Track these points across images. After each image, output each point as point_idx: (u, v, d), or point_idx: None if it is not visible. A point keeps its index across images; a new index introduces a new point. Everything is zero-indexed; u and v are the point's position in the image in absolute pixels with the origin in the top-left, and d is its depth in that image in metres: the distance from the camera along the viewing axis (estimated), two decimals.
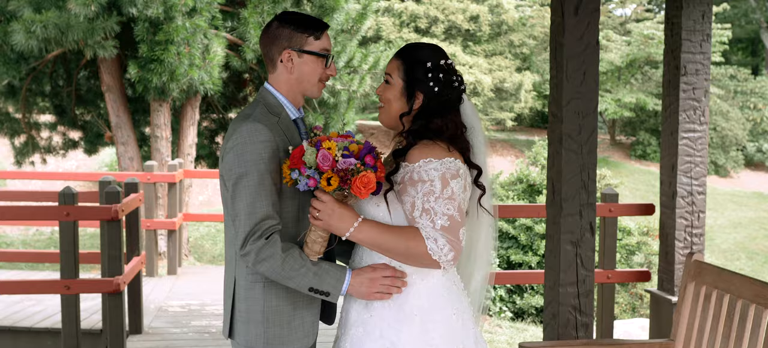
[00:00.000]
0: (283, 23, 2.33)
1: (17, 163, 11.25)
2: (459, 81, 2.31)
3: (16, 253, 7.18)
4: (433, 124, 2.25)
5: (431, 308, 2.23)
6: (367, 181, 2.05)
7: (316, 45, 2.31)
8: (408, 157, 2.20)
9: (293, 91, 2.35)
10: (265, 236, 2.15)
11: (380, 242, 2.18)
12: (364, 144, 2.10)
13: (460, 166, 2.21)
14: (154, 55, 8.65)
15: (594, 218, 3.60)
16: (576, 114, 3.56)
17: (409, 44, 2.36)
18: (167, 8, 8.68)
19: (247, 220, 2.15)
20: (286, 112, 2.34)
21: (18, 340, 5.82)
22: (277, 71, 2.34)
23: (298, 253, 2.19)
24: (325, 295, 2.21)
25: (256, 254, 2.15)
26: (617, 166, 20.40)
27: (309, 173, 2.07)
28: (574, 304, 3.60)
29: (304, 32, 2.31)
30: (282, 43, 2.31)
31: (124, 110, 9.91)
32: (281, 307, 2.27)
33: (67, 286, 4.73)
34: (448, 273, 2.27)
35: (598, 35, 3.60)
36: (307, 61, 2.32)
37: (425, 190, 2.15)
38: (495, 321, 8.17)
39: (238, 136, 2.19)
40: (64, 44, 8.50)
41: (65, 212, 4.66)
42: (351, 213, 2.16)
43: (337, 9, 10.30)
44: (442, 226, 2.13)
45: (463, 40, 20.27)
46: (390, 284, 2.21)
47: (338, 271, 2.22)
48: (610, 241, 5.37)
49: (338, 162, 2.06)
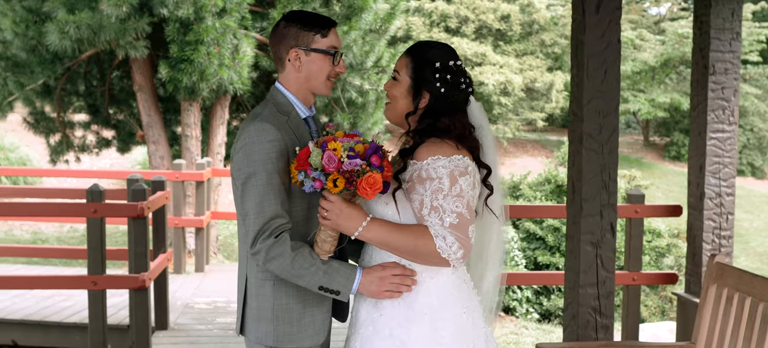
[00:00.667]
0: (290, 22, 2.34)
1: (52, 161, 11.45)
2: (467, 83, 2.30)
3: (50, 249, 7.33)
4: (441, 123, 2.24)
5: (441, 307, 2.22)
6: (373, 182, 2.04)
7: (324, 42, 2.32)
8: (416, 155, 2.20)
9: (302, 90, 2.35)
10: (275, 235, 2.16)
11: (389, 241, 2.18)
12: (369, 144, 2.09)
13: (469, 163, 2.19)
14: (184, 55, 8.76)
15: (615, 219, 3.56)
16: (597, 113, 3.52)
17: (420, 42, 2.34)
18: (197, 9, 8.79)
19: (256, 220, 2.17)
20: (296, 111, 2.34)
21: (48, 334, 5.94)
22: (286, 70, 2.35)
23: (308, 251, 2.20)
24: (336, 294, 2.21)
25: (265, 253, 2.16)
26: (651, 167, 20.11)
27: (314, 175, 2.07)
28: (594, 305, 3.56)
29: (311, 30, 2.31)
30: (289, 42, 2.32)
31: (155, 110, 10.05)
32: (291, 305, 2.28)
33: (93, 281, 4.81)
34: (457, 271, 2.26)
35: (619, 33, 3.56)
36: (314, 59, 2.32)
37: (433, 188, 2.14)
38: (521, 322, 8.11)
39: (247, 136, 2.21)
40: (97, 44, 8.66)
41: (92, 209, 4.75)
42: (359, 212, 2.16)
43: (366, 9, 10.32)
44: (450, 224, 2.13)
45: (493, 39, 20.16)
46: (399, 283, 2.20)
47: (348, 269, 2.22)
48: (636, 242, 5.29)
49: (344, 163, 2.05)
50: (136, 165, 15.20)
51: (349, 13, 10.34)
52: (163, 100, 10.72)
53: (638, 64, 20.77)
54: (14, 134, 14.95)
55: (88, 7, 8.38)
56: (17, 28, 8.79)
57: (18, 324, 5.95)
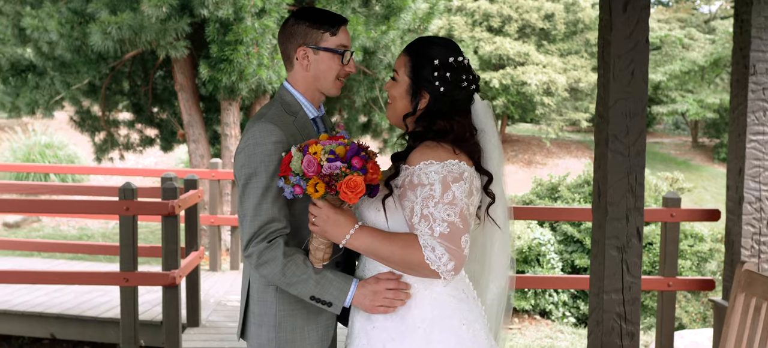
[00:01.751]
0: (299, 19, 2.27)
1: (97, 158, 11.71)
2: (469, 80, 2.17)
3: (93, 245, 7.48)
4: (437, 126, 2.11)
5: (436, 319, 2.10)
6: (354, 185, 1.94)
7: (332, 41, 2.25)
8: (408, 160, 2.08)
9: (310, 90, 2.29)
10: (269, 239, 2.11)
11: (376, 250, 2.06)
12: (349, 146, 1.99)
13: (465, 168, 2.06)
14: (223, 55, 8.87)
15: (641, 223, 3.46)
16: (623, 115, 3.43)
17: (420, 39, 2.22)
18: (237, 9, 8.88)
19: (251, 222, 2.12)
20: (303, 111, 2.28)
21: (85, 329, 6.07)
22: (294, 69, 2.28)
23: (302, 259, 2.13)
24: (328, 306, 2.13)
25: (257, 257, 2.11)
26: (699, 169, 19.61)
27: (294, 180, 1.99)
28: (619, 311, 3.47)
29: (320, 28, 2.24)
30: (297, 40, 2.25)
31: (195, 109, 10.20)
32: (295, 313, 2.21)
33: (126, 278, 4.89)
34: (454, 281, 2.14)
35: (648, 33, 3.46)
36: (323, 58, 2.25)
37: (424, 195, 2.02)
38: (557, 326, 7.99)
39: (250, 136, 2.15)
40: (138, 45, 8.83)
41: (125, 207, 4.83)
42: (347, 219, 2.05)
43: (405, 8, 10.30)
44: (440, 234, 2.00)
45: (537, 39, 19.92)
46: (394, 297, 2.09)
47: (342, 281, 2.13)
48: (672, 247, 5.15)
49: (323, 167, 1.95)
50: (179, 163, 15.46)
51: (387, 13, 10.34)
52: (204, 99, 10.87)
53: (687, 63, 20.28)
54: (63, 133, 15.34)
55: (129, 9, 8.54)
56: (62, 29, 9.01)
57: (56, 318, 6.09)
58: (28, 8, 9.88)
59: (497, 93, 18.45)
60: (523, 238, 8.27)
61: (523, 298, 8.04)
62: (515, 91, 18.43)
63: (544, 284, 5.98)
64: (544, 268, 8.18)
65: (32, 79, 10.60)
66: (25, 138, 15.12)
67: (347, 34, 2.29)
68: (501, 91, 18.45)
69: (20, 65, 10.74)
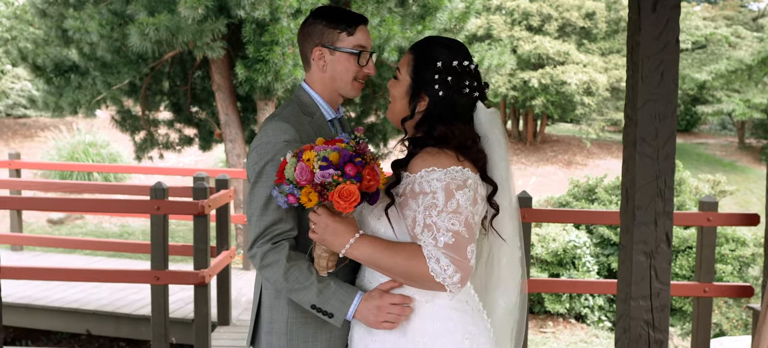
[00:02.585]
0: (316, 18, 2.21)
1: (137, 157, 11.92)
2: (472, 87, 2.05)
3: (128, 244, 7.62)
4: (437, 131, 2.01)
5: (438, 333, 2.00)
6: (347, 194, 1.84)
7: (349, 41, 2.17)
8: (409, 167, 1.99)
9: (328, 90, 2.22)
10: (274, 241, 2.05)
11: (378, 261, 1.97)
12: (342, 152, 1.88)
13: (470, 175, 1.96)
14: (259, 55, 8.94)
15: (671, 229, 3.37)
16: (652, 117, 3.33)
17: (427, 38, 2.12)
18: (273, 10, 8.95)
19: (258, 222, 2.06)
20: (320, 112, 2.22)
21: (120, 325, 6.18)
22: (312, 69, 2.22)
23: (307, 266, 2.05)
24: (329, 317, 2.05)
25: (260, 258, 2.05)
26: (745, 171, 19.11)
27: (287, 189, 1.90)
28: (647, 318, 3.38)
29: (336, 28, 2.17)
30: (314, 40, 2.19)
31: (232, 109, 10.31)
32: (307, 321, 2.13)
33: (156, 276, 4.95)
34: (458, 294, 2.04)
35: (678, 33, 3.36)
36: (339, 59, 2.18)
37: (427, 204, 1.92)
38: (592, 330, 7.85)
39: (263, 135, 2.11)
40: (175, 46, 8.95)
41: (156, 206, 4.88)
42: (347, 228, 1.96)
43: (441, 7, 10.26)
44: (445, 244, 1.90)
45: (577, 37, 19.65)
46: (399, 313, 2.00)
47: (346, 292, 2.05)
48: (708, 252, 5.01)
49: (316, 174, 1.86)
50: (218, 163, 15.65)
51: (423, 13, 10.31)
52: (241, 99, 10.98)
53: (733, 62, 19.77)
54: (106, 131, 15.65)
55: (167, 10, 8.67)
56: (103, 31, 9.19)
57: (92, 314, 6.21)
58: (71, 10, 10.11)
59: (536, 93, 18.25)
60: (559, 240, 8.15)
61: (557, 301, 7.92)
62: (555, 90, 18.20)
63: (569, 288, 5.89)
64: (579, 272, 8.05)
65: (75, 79, 10.83)
66: (70, 137, 15.47)
67: (366, 35, 2.22)
68: (540, 91, 18.23)
69: (64, 66, 10.98)
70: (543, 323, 8.04)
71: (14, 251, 8.21)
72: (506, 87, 18.49)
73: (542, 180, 17.66)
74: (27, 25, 15.04)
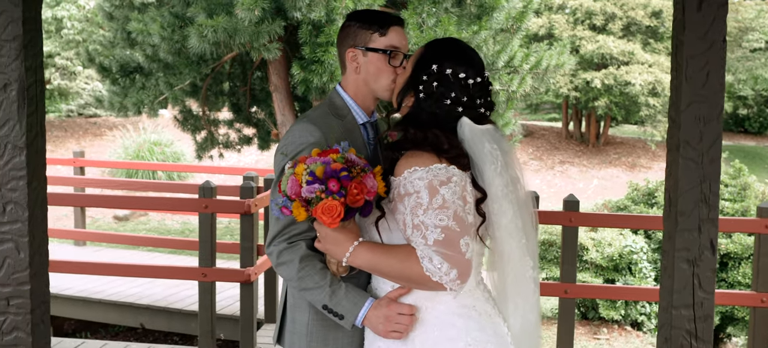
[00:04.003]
0: (351, 21, 2.24)
1: (198, 156, 12.20)
2: (457, 100, 2.00)
3: (185, 241, 7.83)
4: (410, 134, 2.00)
5: (439, 341, 1.97)
6: (328, 210, 1.83)
7: (381, 42, 2.18)
8: (395, 171, 1.98)
9: (361, 93, 2.23)
10: (290, 241, 2.08)
11: (377, 267, 1.97)
12: (325, 167, 1.86)
13: (455, 172, 1.93)
14: (315, 56, 9.02)
15: (715, 236, 3.22)
16: (696, 119, 3.20)
17: (448, 38, 2.12)
18: (329, 11, 9.02)
19: (277, 221, 2.10)
20: (352, 115, 2.23)
21: (172, 320, 6.34)
22: (347, 72, 2.25)
23: (320, 267, 2.08)
24: (340, 318, 2.07)
25: (276, 256, 2.10)
26: None
27: (281, 201, 1.91)
28: (690, 328, 3.25)
29: (369, 29, 2.18)
30: (348, 42, 2.22)
31: (289, 109, 10.44)
32: (327, 323, 2.15)
33: (204, 273, 5.06)
34: (463, 297, 1.99)
35: (725, 32, 3.22)
36: (372, 60, 2.19)
37: (412, 204, 1.91)
38: (648, 338, 7.64)
39: (289, 135, 2.14)
40: (233, 47, 9.12)
41: (204, 205, 4.99)
42: (347, 237, 1.96)
43: (498, 7, 10.15)
44: (435, 241, 1.88)
45: (643, 37, 19.13)
46: (407, 323, 1.98)
47: (357, 297, 2.06)
48: (766, 260, 4.81)
49: (303, 189, 1.86)
50: None
51: (480, 13, 10.22)
52: (298, 99, 11.10)
53: None
54: (170, 131, 16.08)
55: (225, 12, 8.84)
56: (164, 33, 9.44)
57: (146, 308, 6.39)
58: (136, 13, 10.42)
59: (599, 93, 17.85)
60: (615, 245, 7.95)
61: (612, 308, 7.73)
62: (618, 91, 17.77)
63: (602, 294, 5.73)
64: (635, 278, 7.83)
65: (139, 79, 11.16)
66: (136, 136, 15.96)
67: (399, 36, 2.21)
68: (603, 92, 17.83)
69: (129, 67, 11.33)
70: (597, 330, 7.86)
71: (77, 246, 8.52)
72: (568, 88, 18.16)
73: (604, 183, 17.27)
74: (97, 27, 15.60)
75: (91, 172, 14.68)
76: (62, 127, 20.02)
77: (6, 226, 3.89)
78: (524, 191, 2.09)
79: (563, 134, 20.65)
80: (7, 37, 3.80)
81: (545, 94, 18.93)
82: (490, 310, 2.06)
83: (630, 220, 6.13)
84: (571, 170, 18.17)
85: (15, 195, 3.84)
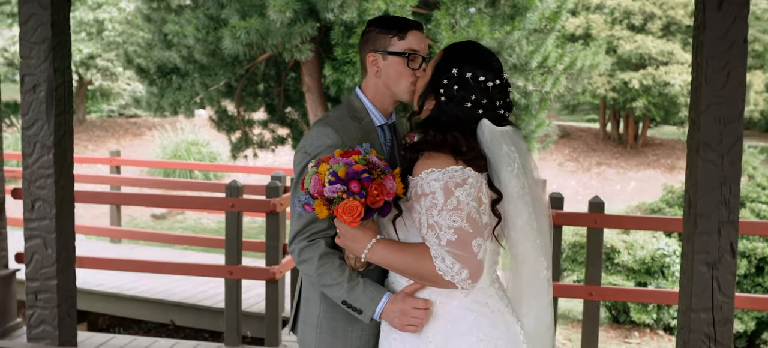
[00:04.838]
0: (371, 26, 2.32)
1: (233, 156, 12.37)
2: (478, 103, 2.06)
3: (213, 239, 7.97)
4: (429, 136, 2.06)
5: (450, 334, 2.04)
6: (349, 210, 1.91)
7: (400, 45, 2.25)
8: (413, 171, 2.06)
9: (380, 96, 2.31)
10: (310, 239, 2.17)
11: (393, 264, 2.05)
12: (347, 168, 1.94)
13: (470, 174, 1.99)
14: (347, 57, 9.09)
15: (736, 238, 3.20)
16: (716, 121, 3.18)
17: (467, 41, 2.16)
18: (361, 12, 9.07)
19: (298, 220, 2.19)
20: (369, 118, 2.30)
21: (200, 317, 6.45)
22: (367, 75, 2.33)
23: (339, 263, 2.16)
24: (358, 313, 2.15)
25: (297, 254, 2.19)
26: None
27: (304, 199, 2.00)
28: (708, 332, 3.22)
29: (388, 33, 2.25)
30: (368, 46, 2.30)
31: (321, 110, 10.52)
32: (336, 316, 2.24)
33: (230, 271, 5.15)
34: (476, 293, 2.05)
35: (746, 32, 3.18)
36: (391, 63, 2.26)
37: (428, 204, 1.98)
38: None
39: (308, 137, 2.24)
40: (266, 48, 9.24)
41: (230, 204, 5.08)
42: (365, 234, 2.04)
43: (531, 7, 10.09)
44: (448, 241, 1.95)
45: (683, 37, 18.78)
46: (422, 317, 2.06)
47: (375, 291, 2.14)
48: None
49: (325, 188, 1.94)
50: None
51: (513, 13, 10.17)
52: (331, 100, 11.19)
53: None
54: (207, 131, 16.33)
55: (258, 14, 8.96)
56: (198, 34, 9.60)
57: (175, 305, 6.51)
58: (173, 15, 10.61)
59: (637, 94, 17.59)
60: (647, 248, 7.84)
61: (644, 311, 7.62)
62: (657, 92, 17.48)
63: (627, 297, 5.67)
64: (668, 281, 7.71)
65: (176, 80, 11.35)
66: (174, 135, 16.23)
67: (418, 39, 2.27)
68: (641, 93, 17.56)
69: (166, 68, 11.54)
70: (628, 333, 7.76)
71: (113, 243, 8.72)
72: (605, 88, 17.92)
73: (642, 184, 17.01)
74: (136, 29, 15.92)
75: (130, 171, 14.98)
76: (103, 127, 20.45)
77: (34, 222, 4.04)
78: (541, 192, 2.14)
79: (601, 135, 20.38)
80: (36, 39, 3.94)
81: (582, 95, 18.71)
82: (503, 308, 2.11)
83: (655, 223, 6.05)
84: (608, 172, 17.94)
85: (43, 193, 3.98)
